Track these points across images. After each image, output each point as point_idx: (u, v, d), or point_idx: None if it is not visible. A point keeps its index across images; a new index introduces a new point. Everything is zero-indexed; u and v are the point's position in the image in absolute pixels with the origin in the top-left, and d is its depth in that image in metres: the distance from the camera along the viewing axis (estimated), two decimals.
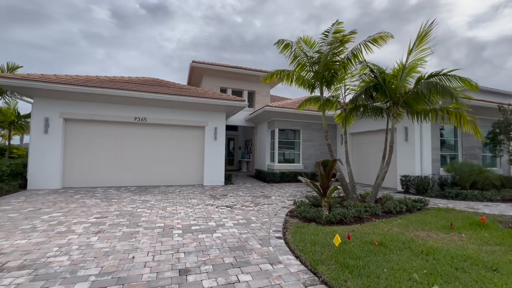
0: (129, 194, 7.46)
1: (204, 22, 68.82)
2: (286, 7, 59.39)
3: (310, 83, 6.70)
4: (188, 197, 7.24)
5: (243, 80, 14.12)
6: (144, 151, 9.38)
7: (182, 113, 9.69)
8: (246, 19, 61.39)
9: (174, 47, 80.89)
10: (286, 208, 6.16)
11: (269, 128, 12.69)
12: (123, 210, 5.58)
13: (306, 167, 12.35)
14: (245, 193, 8.27)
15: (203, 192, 8.26)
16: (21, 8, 49.45)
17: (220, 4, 58.72)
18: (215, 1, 59.94)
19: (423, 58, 5.67)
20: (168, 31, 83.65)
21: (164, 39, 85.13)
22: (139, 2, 67.45)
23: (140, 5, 66.69)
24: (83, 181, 8.62)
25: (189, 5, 63.74)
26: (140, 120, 9.16)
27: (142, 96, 8.47)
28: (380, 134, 10.52)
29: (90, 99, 8.50)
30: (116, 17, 63.33)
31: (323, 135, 12.77)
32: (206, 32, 71.72)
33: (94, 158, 8.80)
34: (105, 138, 8.96)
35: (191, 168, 9.97)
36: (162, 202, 6.46)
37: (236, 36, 79.87)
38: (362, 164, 11.55)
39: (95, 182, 8.74)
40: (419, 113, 6.14)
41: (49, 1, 52.93)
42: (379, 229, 4.39)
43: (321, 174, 5.13)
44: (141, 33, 74.79)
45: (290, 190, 9.06)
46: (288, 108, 11.42)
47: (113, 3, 60.41)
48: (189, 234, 4.08)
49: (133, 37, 76.90)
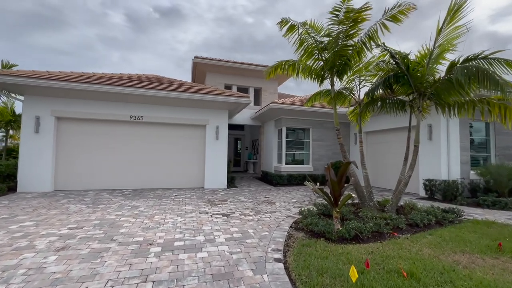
0: (121, 199, 6.86)
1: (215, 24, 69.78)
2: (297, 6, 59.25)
3: (319, 74, 5.84)
4: (183, 203, 6.54)
5: (248, 76, 13.36)
6: (141, 152, 8.80)
7: (180, 111, 9.04)
8: (257, 20, 61.20)
9: (186, 49, 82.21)
10: (291, 217, 5.33)
11: (276, 127, 11.86)
12: (105, 218, 4.94)
13: (316, 169, 11.43)
14: (247, 198, 7.49)
15: (202, 196, 7.55)
16: (42, 15, 53.03)
17: (231, 5, 59.03)
18: (226, 3, 60.43)
19: (455, 39, 4.70)
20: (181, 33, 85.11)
21: (176, 41, 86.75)
22: (152, 5, 69.63)
23: (153, 9, 68.96)
24: (77, 184, 8.12)
25: (201, 8, 65.24)
26: (136, 119, 8.58)
27: (136, 93, 7.87)
28: (399, 132, 9.47)
29: (83, 97, 8.00)
30: (130, 21, 65.92)
31: (334, 134, 11.80)
32: (218, 33, 72.45)
33: (88, 159, 8.30)
34: (100, 138, 8.44)
35: (191, 170, 9.30)
36: (152, 209, 5.79)
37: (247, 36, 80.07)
38: (378, 166, 10.50)
39: (89, 184, 8.23)
40: (451, 106, 5.15)
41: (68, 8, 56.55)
42: (405, 250, 3.49)
43: (331, 180, 4.27)
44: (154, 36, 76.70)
45: (298, 195, 8.20)
46: (295, 105, 10.55)
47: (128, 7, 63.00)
48: (168, 254, 3.35)
49: (147, 40, 79.08)
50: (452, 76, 4.39)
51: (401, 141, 9.41)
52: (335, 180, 4.24)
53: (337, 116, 5.89)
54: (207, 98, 8.58)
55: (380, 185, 10.32)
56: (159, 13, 72.39)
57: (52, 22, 58.62)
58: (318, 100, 7.47)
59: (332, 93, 5.91)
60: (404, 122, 8.63)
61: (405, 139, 9.66)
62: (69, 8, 56.50)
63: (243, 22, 63.34)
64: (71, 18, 57.92)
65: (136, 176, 8.66)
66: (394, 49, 5.04)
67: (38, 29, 63.36)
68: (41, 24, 60.42)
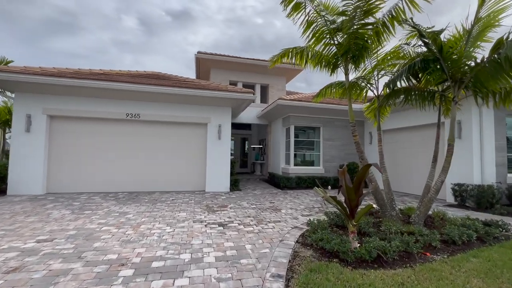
0: (112, 203, 6.29)
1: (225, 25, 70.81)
2: None
3: (331, 61, 5.03)
4: (177, 209, 5.89)
5: (255, 72, 12.65)
6: (138, 152, 8.24)
7: (180, 108, 8.43)
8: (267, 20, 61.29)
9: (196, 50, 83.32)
10: (298, 229, 4.55)
11: (283, 125, 11.08)
12: (84, 228, 4.34)
13: (328, 170, 10.55)
14: (251, 203, 6.76)
15: (200, 201, 6.88)
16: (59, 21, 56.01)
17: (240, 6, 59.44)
18: (236, 4, 61.03)
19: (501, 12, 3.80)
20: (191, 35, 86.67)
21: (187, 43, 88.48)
22: (164, 9, 71.86)
23: (165, 12, 71.08)
24: (70, 186, 7.65)
25: (211, 10, 66.93)
26: (133, 117, 8.03)
27: (131, 88, 7.32)
28: (423, 130, 8.50)
29: (76, 93, 7.53)
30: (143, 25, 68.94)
31: (347, 132, 10.90)
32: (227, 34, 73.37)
33: (83, 160, 7.82)
34: (95, 137, 7.94)
35: (192, 172, 8.67)
36: (141, 216, 5.16)
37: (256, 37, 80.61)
38: (397, 168, 9.50)
39: (84, 187, 7.74)
40: (495, 94, 4.22)
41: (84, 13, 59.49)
42: (447, 281, 2.65)
43: (346, 187, 3.47)
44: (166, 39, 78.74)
45: (307, 200, 7.39)
46: (305, 102, 9.73)
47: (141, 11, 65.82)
48: (140, 280, 2.66)
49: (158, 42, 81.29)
50: (499, 55, 3.49)
51: (424, 140, 8.44)
52: (351, 187, 3.44)
53: (352, 110, 5.04)
54: (207, 94, 7.92)
55: (397, 188, 9.33)
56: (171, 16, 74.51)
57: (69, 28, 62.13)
58: (329, 94, 6.63)
59: (347, 83, 5.08)
60: (427, 119, 7.67)
61: (428, 138, 8.72)
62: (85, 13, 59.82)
63: (252, 23, 63.72)
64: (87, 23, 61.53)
65: (132, 178, 8.11)
66: (423, 27, 4.17)
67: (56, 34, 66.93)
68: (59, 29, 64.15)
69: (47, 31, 63.07)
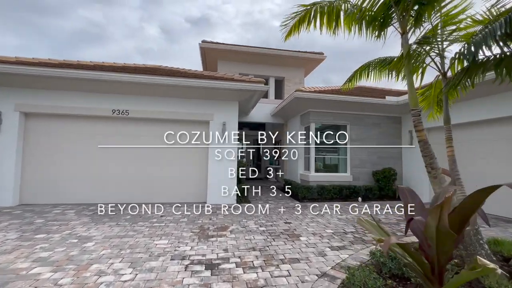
0: (83, 222, 4.95)
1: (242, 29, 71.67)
2: None
3: (377, 16, 3.31)
4: (160, 232, 4.40)
5: (268, 64, 11.06)
6: (128, 156, 6.92)
7: (176, 103, 7.02)
8: None
9: None
10: (329, 280, 2.84)
11: (302, 123, 9.36)
12: (6, 270, 2.94)
13: (357, 178, 8.67)
14: (260, 223, 5.13)
15: (196, 218, 5.36)
16: (88, 32, 62.05)
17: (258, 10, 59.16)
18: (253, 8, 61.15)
19: None
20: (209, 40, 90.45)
21: None
22: (184, 16, 75.07)
23: (185, 20, 74.19)
24: (48, 196, 6.47)
25: (229, 15, 68.44)
26: (120, 113, 6.73)
27: (115, 78, 6.02)
28: (503, 124, 6.46)
29: (55, 87, 6.36)
30: (164, 32, 72.43)
31: (379, 132, 8.97)
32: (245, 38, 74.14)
33: (63, 166, 6.61)
34: (77, 138, 6.72)
35: (190, 179, 7.21)
36: (105, 245, 3.72)
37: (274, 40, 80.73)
38: None
39: (63, 197, 6.53)
40: None
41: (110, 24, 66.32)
42: None
43: (441, 230, 1.73)
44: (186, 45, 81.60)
45: (334, 220, 5.61)
46: (328, 94, 7.98)
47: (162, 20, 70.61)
48: None
49: (179, 49, 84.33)
50: None
51: (504, 138, 6.35)
52: (448, 231, 1.70)
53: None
54: (206, 84, 6.45)
55: None
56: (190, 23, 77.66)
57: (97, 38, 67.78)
58: (365, 77, 4.89)
59: (405, 48, 3.34)
60: None
61: None
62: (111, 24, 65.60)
63: (269, 26, 63.30)
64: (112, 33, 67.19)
65: (120, 188, 6.79)
66: None
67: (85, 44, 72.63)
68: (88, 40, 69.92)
69: (76, 41, 70.07)
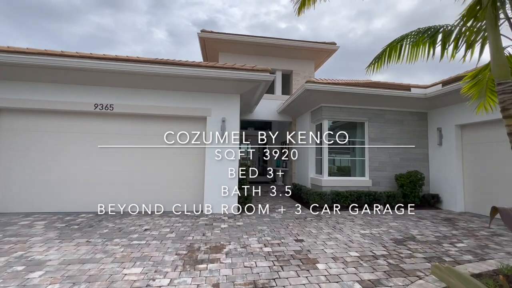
0: (46, 238, 4.04)
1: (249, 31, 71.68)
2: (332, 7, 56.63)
3: None
4: (136, 255, 3.44)
5: (274, 56, 10.05)
6: (112, 157, 6.02)
7: (167, 96, 6.10)
8: (290, 24, 59.63)
9: None
10: None
11: (313, 120, 8.32)
12: None
13: (376, 183, 7.55)
14: (264, 241, 4.11)
15: (186, 234, 4.39)
16: (98, 36, 63.87)
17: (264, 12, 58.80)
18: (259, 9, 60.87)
19: None
20: None
21: None
22: (191, 20, 76.64)
23: (192, 23, 75.42)
24: (21, 204, 5.63)
25: (235, 17, 68.97)
26: (104, 108, 5.84)
27: (94, 66, 5.13)
28: None
29: (31, 78, 5.54)
30: (171, 36, 73.98)
31: (402, 129, 7.85)
32: None
33: (39, 169, 5.76)
34: (54, 137, 5.87)
35: (185, 185, 6.26)
36: (54, 276, 2.79)
37: None
38: (492, 183, 6.25)
39: (40, 205, 5.67)
40: None
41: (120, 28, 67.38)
42: None
43: None
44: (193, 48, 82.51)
45: (357, 236, 4.53)
46: (343, 86, 6.92)
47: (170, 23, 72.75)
48: None
49: (186, 51, 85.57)
50: None
51: None
52: None
53: (501, 50, 2.24)
54: (200, 73, 5.51)
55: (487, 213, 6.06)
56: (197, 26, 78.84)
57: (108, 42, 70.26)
58: (396, 57, 3.85)
59: None
60: None
61: None
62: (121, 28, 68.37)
63: (276, 27, 62.76)
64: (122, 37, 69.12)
65: (103, 194, 5.89)
66: None
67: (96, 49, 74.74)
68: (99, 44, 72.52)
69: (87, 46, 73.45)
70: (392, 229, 4.94)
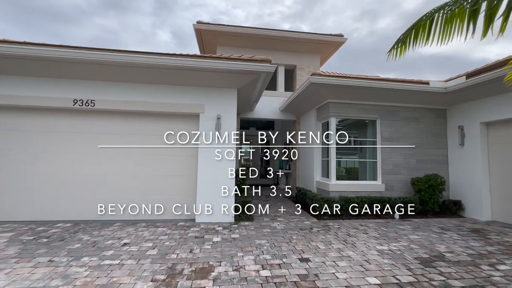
0: (3, 256, 3.40)
1: None
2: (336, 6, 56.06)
3: None
4: (104, 280, 2.76)
5: (276, 50, 9.35)
6: (94, 160, 5.38)
7: (155, 91, 5.44)
8: (294, 25, 58.92)
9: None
10: None
11: (318, 118, 7.59)
12: None
13: (390, 187, 6.78)
14: (262, 261, 3.41)
15: (171, 250, 3.70)
16: (103, 38, 64.60)
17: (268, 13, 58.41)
18: (263, 10, 60.68)
19: None
20: None
21: None
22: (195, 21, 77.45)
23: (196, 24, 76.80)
24: None
25: (239, 18, 69.21)
26: (84, 104, 5.20)
27: (74, 56, 4.51)
28: None
29: (10, 71, 4.93)
30: (175, 37, 75.26)
31: (418, 127, 7.09)
32: None
33: (15, 173, 5.15)
34: (31, 138, 5.26)
35: (174, 190, 5.58)
36: None
37: None
38: None
39: (15, 213, 5.06)
40: None
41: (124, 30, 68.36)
42: None
43: None
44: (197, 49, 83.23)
45: (374, 253, 3.79)
46: (353, 79, 6.19)
47: (174, 25, 73.31)
48: None
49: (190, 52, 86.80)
50: None
51: None
52: None
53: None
54: (191, 63, 4.85)
55: None
56: None
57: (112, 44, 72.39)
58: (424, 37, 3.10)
59: None
60: None
61: None
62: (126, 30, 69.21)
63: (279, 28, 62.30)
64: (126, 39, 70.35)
65: (83, 201, 5.24)
66: None
67: None
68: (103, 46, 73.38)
69: None
70: (414, 244, 4.19)
